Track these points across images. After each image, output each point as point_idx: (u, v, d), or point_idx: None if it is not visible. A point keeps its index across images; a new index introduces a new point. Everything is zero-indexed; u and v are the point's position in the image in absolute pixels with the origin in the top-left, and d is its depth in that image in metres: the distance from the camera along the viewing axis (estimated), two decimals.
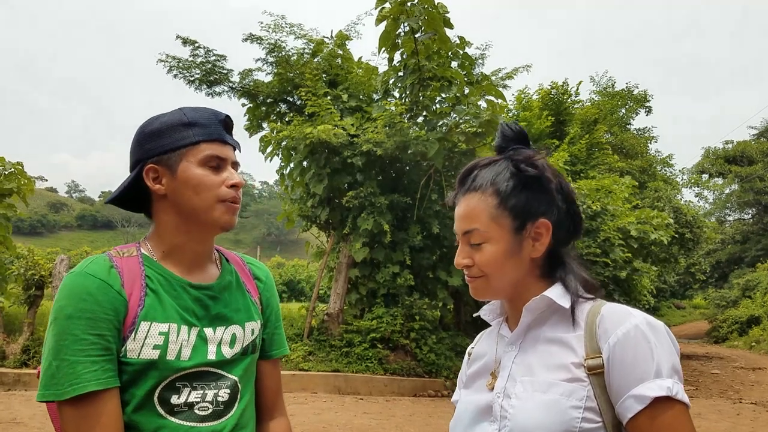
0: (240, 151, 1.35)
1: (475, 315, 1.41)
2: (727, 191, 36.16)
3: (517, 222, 1.14)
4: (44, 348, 1.14)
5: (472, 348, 1.36)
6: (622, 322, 1.06)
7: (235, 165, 1.30)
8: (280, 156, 10.43)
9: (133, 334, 1.15)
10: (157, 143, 1.24)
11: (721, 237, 29.75)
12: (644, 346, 1.03)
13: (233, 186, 1.26)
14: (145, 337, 1.16)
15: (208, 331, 1.25)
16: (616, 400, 1.04)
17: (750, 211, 36.96)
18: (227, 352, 1.27)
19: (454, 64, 9.92)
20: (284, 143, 9.82)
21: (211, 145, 1.25)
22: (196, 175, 1.22)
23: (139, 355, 1.15)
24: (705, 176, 35.16)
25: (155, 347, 1.16)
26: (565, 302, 1.13)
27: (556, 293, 1.14)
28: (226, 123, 1.31)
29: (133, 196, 1.29)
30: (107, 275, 1.17)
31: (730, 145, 35.25)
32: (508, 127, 1.23)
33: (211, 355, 1.23)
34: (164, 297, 1.21)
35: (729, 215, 38.22)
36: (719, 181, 35.68)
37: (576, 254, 1.24)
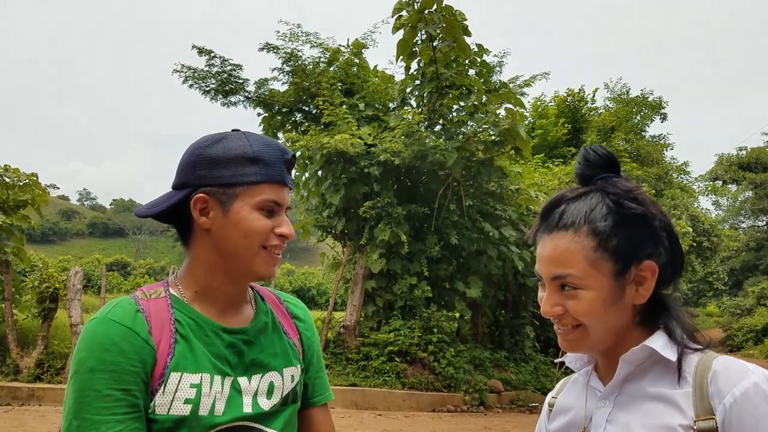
0: (292, 190, 1.22)
1: (557, 360, 1.25)
2: (741, 198, 35.79)
3: (619, 266, 0.99)
4: (65, 404, 1.01)
5: (554, 398, 1.21)
6: (739, 380, 0.92)
7: (288, 209, 1.18)
8: (295, 166, 10.32)
9: (162, 387, 1.02)
10: (215, 173, 1.10)
11: (736, 245, 29.41)
12: (766, 408, 0.89)
13: (281, 236, 1.14)
14: (176, 390, 1.03)
15: (243, 381, 1.12)
16: None
17: (764, 218, 36.53)
18: (265, 404, 1.13)
19: (472, 72, 9.79)
20: (300, 153, 9.72)
21: (271, 187, 1.13)
22: (249, 219, 1.10)
23: (169, 411, 1.02)
24: (719, 183, 34.84)
25: (187, 401, 1.03)
26: (671, 354, 0.98)
27: (660, 343, 0.99)
28: (291, 162, 1.18)
29: (169, 216, 1.16)
30: (133, 321, 1.05)
31: (744, 152, 34.91)
32: (593, 151, 1.06)
33: (247, 408, 1.10)
34: (195, 344, 1.09)
35: (743, 222, 37.85)
36: (733, 188, 35.33)
37: (679, 297, 1.08)
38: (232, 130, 1.16)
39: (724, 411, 0.90)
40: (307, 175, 10.27)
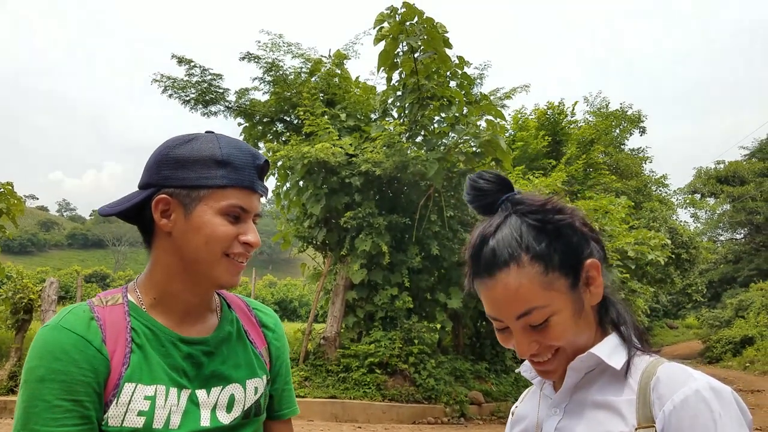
0: (266, 197, 1.17)
1: (516, 371, 1.25)
2: (719, 211, 36.37)
3: (571, 277, 0.97)
4: (15, 414, 0.97)
5: (516, 407, 1.20)
6: (680, 387, 0.89)
7: (257, 216, 1.13)
8: (276, 176, 10.28)
9: (115, 399, 0.98)
10: (179, 174, 1.06)
11: (715, 257, 29.83)
12: (706, 416, 0.86)
13: (246, 243, 1.09)
14: (129, 402, 0.99)
15: (201, 394, 1.08)
16: None
17: (742, 231, 37.16)
18: (224, 418, 1.09)
19: (453, 83, 9.85)
20: (281, 163, 9.68)
21: (239, 192, 1.08)
22: (211, 224, 1.05)
23: (122, 423, 0.98)
24: (698, 196, 35.39)
25: (140, 414, 0.99)
26: (616, 361, 0.96)
27: (606, 350, 0.98)
28: (262, 168, 1.12)
29: (134, 216, 1.11)
30: (86, 329, 1.00)
31: (721, 166, 35.54)
32: (481, 179, 1.04)
33: (205, 422, 1.06)
34: (151, 354, 1.04)
35: (721, 235, 38.42)
36: (711, 201, 35.91)
37: (618, 292, 1.06)
38: (206, 132, 1.12)
39: (663, 418, 0.88)
40: (288, 185, 10.22)
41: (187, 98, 10.12)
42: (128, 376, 1.00)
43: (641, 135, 27.76)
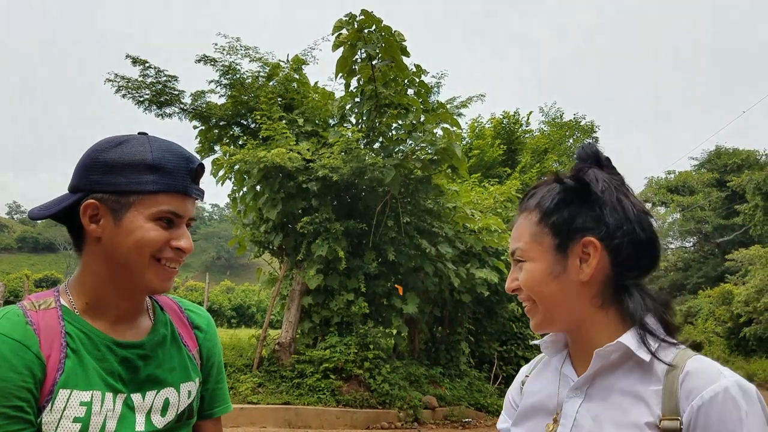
0: (203, 201, 1.16)
1: (533, 343, 1.29)
2: (669, 220, 37.51)
3: (558, 239, 1.04)
4: None
5: (527, 376, 1.23)
6: (710, 384, 0.93)
7: (191, 221, 1.12)
8: (232, 180, 10.18)
9: (50, 405, 0.97)
10: (109, 179, 1.04)
11: (664, 264, 30.74)
12: (734, 414, 0.90)
13: (178, 249, 1.08)
14: (64, 408, 0.98)
15: (136, 398, 1.07)
16: None
17: (691, 240, 38.43)
18: (158, 422, 1.09)
19: (410, 91, 9.95)
20: (237, 167, 9.59)
21: (171, 197, 1.07)
22: (142, 230, 1.04)
23: (56, 430, 0.97)
24: (648, 205, 36.39)
25: (76, 420, 0.98)
26: (644, 353, 0.99)
27: (634, 340, 1.00)
28: (197, 172, 1.11)
29: (65, 218, 1.10)
30: (23, 335, 0.99)
31: (672, 176, 36.66)
32: (582, 149, 1.12)
33: (140, 426, 1.06)
34: (87, 359, 1.03)
35: (671, 243, 39.63)
36: (662, 210, 36.99)
37: (652, 287, 1.09)
38: (139, 133, 1.11)
39: (691, 413, 0.92)
40: (244, 189, 10.13)
41: (141, 99, 9.95)
42: (63, 382, 0.99)
43: None
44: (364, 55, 9.21)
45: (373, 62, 9.19)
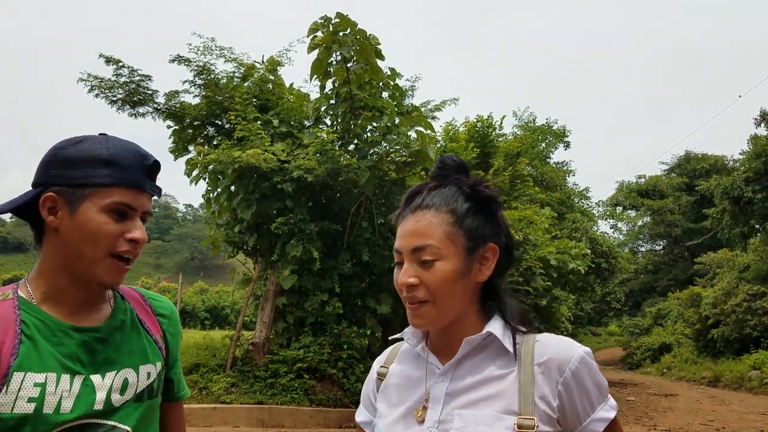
0: (159, 197, 1.23)
1: (392, 338, 1.35)
2: (639, 223, 38.20)
3: (471, 243, 1.13)
4: None
5: (384, 367, 1.31)
6: (574, 350, 1.10)
7: (147, 215, 1.19)
8: (206, 180, 10.17)
9: (5, 388, 1.04)
10: (65, 173, 1.12)
11: (635, 267, 31.31)
12: (596, 372, 1.11)
13: (132, 240, 1.15)
14: (19, 390, 1.05)
15: (96, 378, 1.14)
16: (574, 426, 1.08)
17: (661, 243, 39.21)
18: (117, 400, 1.15)
19: (385, 94, 10.05)
20: (211, 167, 9.58)
21: (124, 191, 1.13)
22: (94, 222, 1.11)
23: (12, 410, 1.04)
24: (619, 209, 36.99)
25: (30, 400, 1.05)
26: (508, 340, 1.13)
27: (498, 328, 1.14)
28: (152, 168, 1.19)
29: (27, 214, 1.17)
30: None
31: (642, 180, 37.31)
32: (450, 158, 1.23)
33: (99, 405, 1.12)
34: (42, 344, 1.10)
35: (641, 246, 40.38)
36: (632, 213, 37.64)
37: (507, 286, 1.24)
38: (99, 134, 1.19)
39: (564, 379, 1.08)
40: (219, 190, 10.12)
41: (114, 98, 9.87)
42: (17, 366, 1.05)
43: (566, 149, 29.01)
44: (339, 58, 9.29)
45: (348, 65, 9.28)
